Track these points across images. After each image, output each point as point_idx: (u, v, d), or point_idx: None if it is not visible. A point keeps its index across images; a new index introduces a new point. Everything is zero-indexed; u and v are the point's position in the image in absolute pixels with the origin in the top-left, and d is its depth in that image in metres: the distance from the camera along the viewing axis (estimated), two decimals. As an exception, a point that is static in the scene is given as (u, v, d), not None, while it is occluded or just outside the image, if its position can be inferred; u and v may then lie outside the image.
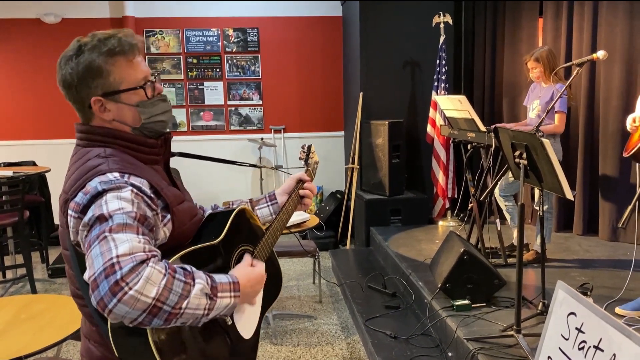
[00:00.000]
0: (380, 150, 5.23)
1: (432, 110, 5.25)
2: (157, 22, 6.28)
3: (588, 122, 4.45)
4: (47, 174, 5.26)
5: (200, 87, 6.40)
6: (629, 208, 2.12)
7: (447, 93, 5.12)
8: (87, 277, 1.07)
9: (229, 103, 6.46)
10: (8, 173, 4.54)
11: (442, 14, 5.19)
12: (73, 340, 3.18)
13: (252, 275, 1.28)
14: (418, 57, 5.55)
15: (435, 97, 5.02)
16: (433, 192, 5.39)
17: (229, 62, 6.40)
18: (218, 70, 6.40)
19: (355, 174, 5.64)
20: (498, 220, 3.87)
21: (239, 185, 6.50)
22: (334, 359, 3.30)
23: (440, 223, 5.22)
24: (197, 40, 6.33)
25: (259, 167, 2.93)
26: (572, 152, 4.58)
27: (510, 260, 3.73)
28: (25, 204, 4.34)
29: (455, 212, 5.23)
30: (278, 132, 6.52)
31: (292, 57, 6.47)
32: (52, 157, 5.84)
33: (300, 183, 1.70)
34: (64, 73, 1.26)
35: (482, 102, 5.55)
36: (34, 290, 4.34)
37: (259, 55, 6.42)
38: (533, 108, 3.84)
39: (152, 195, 1.22)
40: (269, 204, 1.67)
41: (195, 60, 6.37)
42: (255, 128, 6.50)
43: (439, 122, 5.12)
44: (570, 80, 3.02)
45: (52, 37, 6.11)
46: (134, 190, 1.17)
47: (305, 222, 3.72)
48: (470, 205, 3.93)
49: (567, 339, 1.64)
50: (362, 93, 5.53)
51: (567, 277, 3.48)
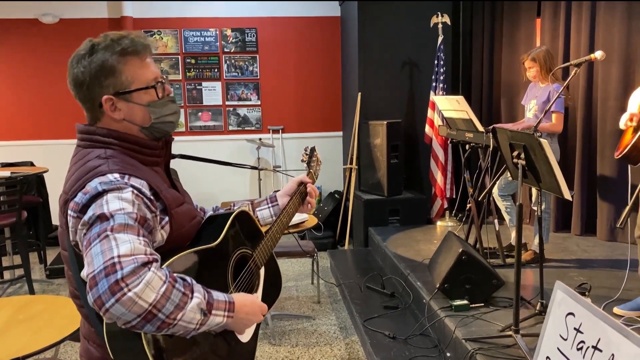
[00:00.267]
0: (379, 151, 5.23)
1: (430, 111, 5.26)
2: (155, 22, 6.27)
3: (586, 122, 4.46)
4: (45, 175, 5.25)
5: (199, 87, 6.40)
6: (627, 208, 2.12)
7: (445, 93, 5.13)
8: (85, 274, 1.05)
9: (227, 103, 6.46)
10: (6, 173, 4.53)
11: (440, 14, 5.19)
12: (71, 341, 3.18)
13: (248, 301, 1.26)
14: (416, 57, 5.56)
15: (434, 97, 5.03)
16: (431, 192, 5.40)
17: (227, 62, 6.39)
18: (216, 71, 6.39)
19: (354, 175, 5.64)
20: (496, 221, 3.87)
21: (237, 186, 6.49)
22: (333, 360, 3.31)
23: (439, 223, 5.23)
24: (195, 41, 6.33)
25: (260, 169, 2.92)
26: (570, 152, 4.59)
27: (509, 261, 3.74)
28: (23, 205, 4.33)
29: (454, 212, 5.24)
30: (276, 132, 6.52)
31: (290, 57, 6.47)
32: (50, 157, 5.82)
33: (302, 185, 1.70)
34: (76, 72, 1.25)
35: (480, 102, 5.55)
36: (32, 291, 4.33)
37: (257, 56, 6.42)
38: (530, 108, 3.85)
39: (151, 197, 1.22)
40: (270, 206, 1.67)
41: (194, 61, 6.36)
42: (254, 128, 6.50)
43: (437, 122, 5.12)
44: (568, 81, 3.02)
45: (50, 37, 6.10)
46: (135, 192, 1.17)
47: (304, 222, 3.72)
48: (469, 206, 3.94)
49: (565, 339, 1.64)
50: (360, 93, 5.54)
51: (565, 277, 3.48)
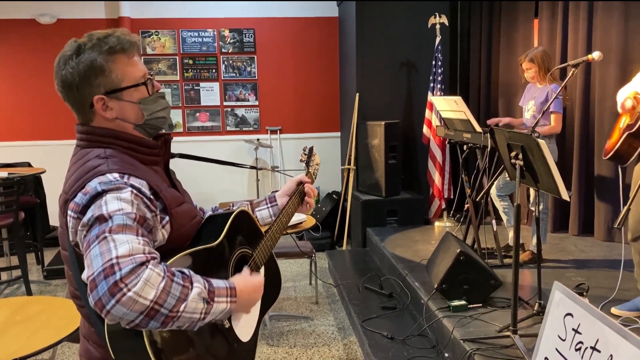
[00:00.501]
0: (377, 151, 5.23)
1: (428, 111, 5.26)
2: (152, 22, 6.27)
3: (583, 122, 4.47)
4: (42, 175, 5.23)
5: (196, 87, 6.39)
6: (625, 208, 2.12)
7: (443, 94, 5.13)
8: (85, 277, 1.06)
9: (225, 104, 6.45)
10: (3, 174, 4.52)
11: (438, 15, 5.20)
12: (69, 343, 3.17)
13: (249, 283, 1.28)
14: (414, 58, 5.57)
15: (431, 97, 5.04)
16: (429, 192, 5.41)
17: (225, 63, 6.39)
18: (214, 71, 6.39)
19: (352, 175, 5.64)
20: (494, 221, 3.87)
21: (235, 186, 6.49)
22: (331, 360, 3.31)
23: (437, 224, 5.23)
24: (193, 41, 6.32)
25: (259, 169, 2.92)
26: (567, 152, 4.59)
27: (506, 261, 3.74)
28: (20, 205, 4.33)
29: (452, 212, 5.25)
30: (274, 132, 6.52)
31: (288, 57, 6.47)
32: (47, 158, 5.81)
33: (301, 185, 1.70)
34: (64, 73, 1.24)
35: (477, 102, 5.56)
36: (29, 292, 4.32)
37: (255, 56, 6.41)
38: (528, 109, 3.85)
39: (151, 197, 1.21)
40: (269, 206, 1.67)
41: (191, 61, 6.35)
42: (252, 129, 6.50)
43: (435, 122, 5.13)
44: (566, 81, 3.03)
45: (47, 37, 6.08)
46: (134, 192, 1.17)
47: (302, 223, 3.71)
48: (466, 206, 3.94)
49: (564, 340, 1.64)
50: (358, 94, 5.54)
51: (563, 277, 3.49)
